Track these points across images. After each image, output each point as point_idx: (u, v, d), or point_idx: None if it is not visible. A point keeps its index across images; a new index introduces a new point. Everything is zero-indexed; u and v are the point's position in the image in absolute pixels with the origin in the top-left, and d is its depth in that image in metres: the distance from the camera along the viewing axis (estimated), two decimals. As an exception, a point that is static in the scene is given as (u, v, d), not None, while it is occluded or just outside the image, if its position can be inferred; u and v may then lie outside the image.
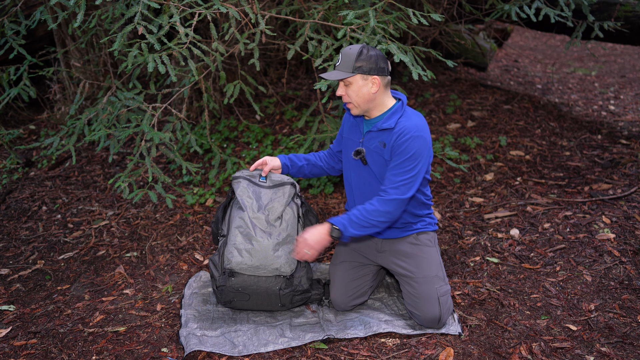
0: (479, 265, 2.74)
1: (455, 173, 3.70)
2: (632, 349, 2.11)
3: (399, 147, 2.13)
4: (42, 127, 4.70)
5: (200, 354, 2.20)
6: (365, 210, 2.14)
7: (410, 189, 2.15)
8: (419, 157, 2.13)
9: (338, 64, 2.17)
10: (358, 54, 2.13)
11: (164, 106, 3.10)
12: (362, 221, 2.13)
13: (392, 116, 2.20)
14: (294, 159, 2.51)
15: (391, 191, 2.14)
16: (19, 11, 3.25)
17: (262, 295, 2.35)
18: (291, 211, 2.41)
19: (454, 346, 2.17)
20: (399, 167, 2.14)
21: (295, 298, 2.38)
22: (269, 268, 2.31)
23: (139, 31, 2.45)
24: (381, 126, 2.19)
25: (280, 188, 2.42)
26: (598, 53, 7.82)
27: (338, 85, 2.24)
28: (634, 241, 2.80)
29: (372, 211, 2.13)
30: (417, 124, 2.16)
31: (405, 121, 2.16)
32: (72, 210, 3.57)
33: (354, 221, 2.13)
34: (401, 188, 2.14)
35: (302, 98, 4.60)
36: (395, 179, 2.14)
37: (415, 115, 2.22)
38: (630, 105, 5.15)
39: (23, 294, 2.78)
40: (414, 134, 2.12)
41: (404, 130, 2.13)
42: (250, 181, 2.43)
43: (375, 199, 2.16)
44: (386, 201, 2.13)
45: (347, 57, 2.14)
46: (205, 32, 4.19)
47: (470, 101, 4.71)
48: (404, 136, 2.13)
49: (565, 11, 3.35)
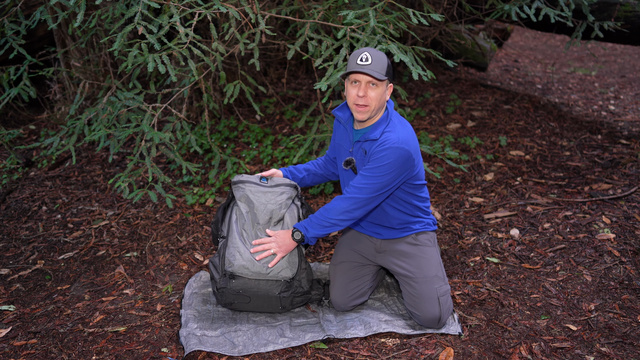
0: (479, 265, 2.74)
1: (455, 173, 3.70)
2: (632, 349, 2.11)
3: (376, 155, 2.16)
4: (42, 127, 4.70)
5: (200, 354, 2.20)
6: (324, 210, 2.21)
7: (372, 193, 2.16)
8: (391, 168, 2.14)
9: (369, 64, 2.10)
10: (387, 60, 2.14)
11: (164, 106, 3.10)
12: (321, 221, 2.20)
13: (377, 127, 2.21)
14: (294, 171, 2.52)
15: (352, 189, 2.18)
16: (19, 11, 3.25)
17: (262, 298, 2.35)
18: (292, 213, 2.41)
19: (454, 346, 2.17)
20: (369, 171, 2.16)
21: (295, 300, 2.38)
22: (271, 273, 2.31)
23: (139, 31, 2.45)
24: (368, 137, 2.20)
25: (281, 188, 2.41)
26: (598, 53, 7.82)
27: (357, 86, 2.15)
28: (634, 241, 2.80)
29: (331, 209, 2.19)
30: (400, 136, 2.15)
31: (389, 133, 2.17)
32: (72, 210, 3.57)
33: (314, 222, 2.22)
34: (363, 189, 2.16)
35: (302, 98, 4.60)
36: (361, 180, 2.17)
37: (401, 125, 2.22)
38: (630, 105, 5.15)
39: (23, 294, 2.78)
40: (392, 144, 2.13)
41: (385, 141, 2.15)
42: (251, 182, 2.42)
43: (335, 197, 2.22)
44: (344, 198, 2.18)
45: (379, 60, 2.12)
46: (205, 32, 4.19)
47: (470, 101, 4.71)
48: (383, 145, 2.14)
49: (565, 11, 3.35)
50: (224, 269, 2.32)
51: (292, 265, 2.33)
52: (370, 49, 2.15)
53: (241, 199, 2.39)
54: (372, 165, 2.15)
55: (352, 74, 2.15)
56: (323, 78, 2.65)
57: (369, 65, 2.10)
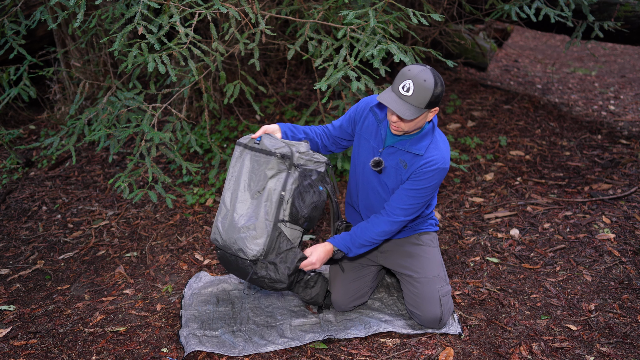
0: (479, 265, 2.74)
1: (455, 173, 3.70)
2: (632, 349, 2.11)
3: (422, 175, 2.10)
4: (42, 127, 4.70)
5: (200, 354, 2.20)
6: (370, 231, 2.17)
7: (418, 211, 2.18)
8: (435, 187, 2.14)
9: (409, 95, 1.94)
10: (434, 90, 1.94)
11: (164, 106, 3.10)
12: (366, 241, 2.19)
13: (422, 140, 2.11)
14: (294, 130, 2.32)
15: (399, 212, 2.15)
16: (19, 11, 3.25)
17: (241, 271, 2.19)
18: (276, 184, 2.11)
19: (454, 346, 2.17)
20: (416, 192, 2.12)
21: (269, 284, 2.17)
22: (233, 248, 2.12)
23: (139, 31, 2.45)
24: (410, 149, 2.11)
25: (267, 156, 2.12)
26: (598, 53, 7.82)
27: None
28: (634, 241, 2.80)
29: (379, 232, 2.17)
30: (444, 155, 2.10)
31: (434, 150, 2.10)
32: (72, 210, 3.57)
33: (357, 242, 2.19)
34: (410, 210, 2.15)
35: (302, 98, 4.60)
36: (408, 200, 2.13)
37: (443, 142, 2.15)
38: (630, 105, 5.15)
39: (23, 294, 2.78)
40: (440, 166, 2.08)
41: (431, 161, 2.08)
42: (245, 146, 2.18)
43: (382, 220, 2.16)
44: (393, 222, 2.17)
45: (422, 92, 1.93)
46: (205, 32, 4.19)
47: (470, 101, 4.71)
48: (431, 166, 2.08)
49: (565, 11, 3.35)
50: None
51: (256, 245, 2.08)
52: (419, 74, 1.94)
53: (232, 163, 2.21)
54: (420, 186, 2.11)
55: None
56: (323, 78, 2.65)
57: (407, 97, 1.94)
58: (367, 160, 2.24)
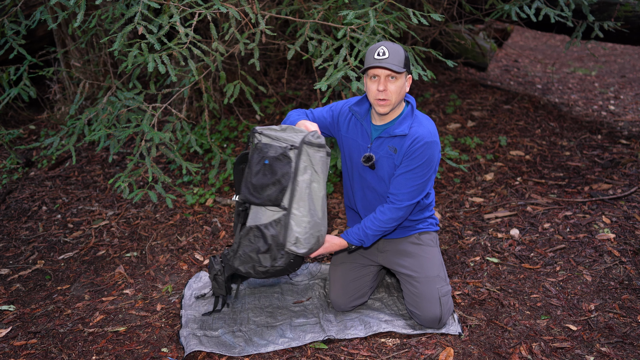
0: (479, 265, 2.74)
1: (455, 173, 3.70)
2: (632, 349, 2.11)
3: (413, 153, 2.13)
4: (42, 127, 4.70)
5: (200, 354, 2.20)
6: (378, 220, 2.21)
7: (422, 192, 2.20)
8: (431, 162, 2.16)
9: (387, 58, 2.07)
10: (404, 52, 2.12)
11: (164, 106, 3.10)
12: (376, 231, 2.23)
13: (403, 122, 2.18)
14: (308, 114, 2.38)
15: (403, 196, 2.17)
16: (19, 11, 3.25)
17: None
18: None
19: (454, 346, 2.17)
20: (413, 172, 2.15)
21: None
22: None
23: (139, 31, 2.45)
24: (393, 132, 2.17)
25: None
26: (598, 53, 7.82)
27: (377, 81, 2.10)
28: (634, 241, 2.80)
29: (387, 220, 2.21)
30: (430, 130, 2.16)
31: (417, 127, 2.15)
32: (72, 210, 3.57)
33: (370, 234, 2.24)
34: (413, 193, 2.18)
35: (302, 98, 4.60)
36: (408, 183, 2.16)
37: (426, 119, 2.21)
38: (630, 105, 5.15)
39: (23, 294, 2.78)
40: (427, 140, 2.12)
41: (417, 137, 2.13)
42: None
43: (387, 208, 2.20)
44: (399, 209, 2.19)
45: (396, 53, 2.09)
46: (205, 32, 4.19)
47: (470, 101, 4.71)
48: (418, 142, 2.12)
49: (565, 11, 3.35)
50: None
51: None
52: (386, 42, 2.12)
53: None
54: (414, 164, 2.14)
55: (370, 69, 2.12)
56: (323, 78, 2.65)
57: (386, 59, 2.07)
58: (359, 159, 2.28)
